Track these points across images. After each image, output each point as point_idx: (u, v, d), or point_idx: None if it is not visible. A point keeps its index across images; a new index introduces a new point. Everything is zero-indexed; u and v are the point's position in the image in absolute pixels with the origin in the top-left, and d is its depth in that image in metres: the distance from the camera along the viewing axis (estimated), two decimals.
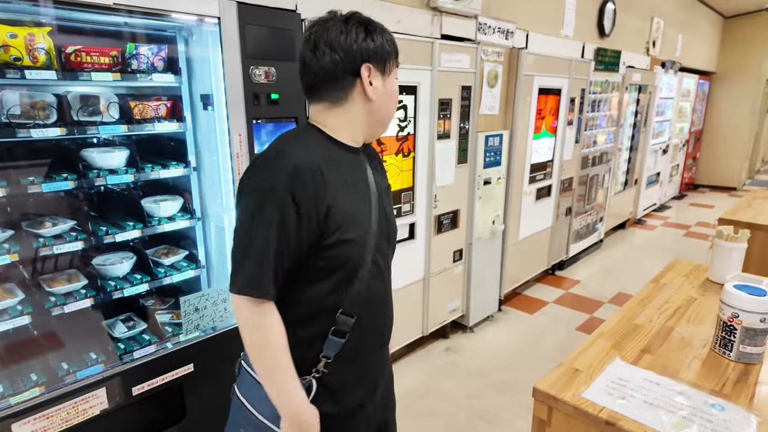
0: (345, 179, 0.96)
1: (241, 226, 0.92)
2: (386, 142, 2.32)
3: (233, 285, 0.91)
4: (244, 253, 0.90)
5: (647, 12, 5.05)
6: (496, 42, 2.90)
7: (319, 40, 0.94)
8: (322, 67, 0.94)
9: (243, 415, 1.02)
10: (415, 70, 2.36)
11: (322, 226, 0.91)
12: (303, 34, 0.98)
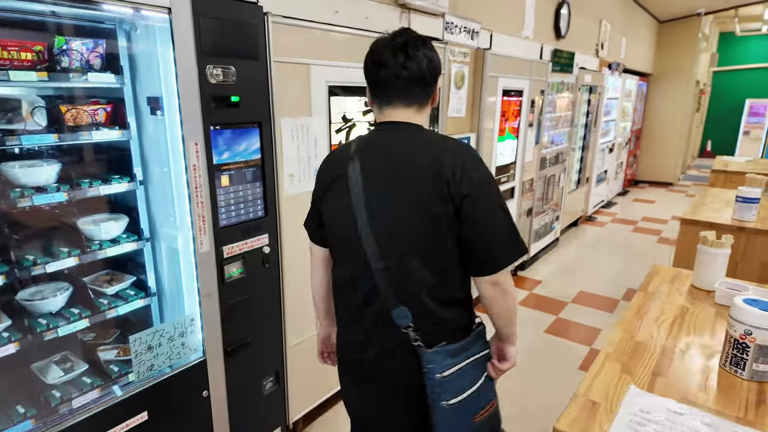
0: None
1: (503, 204, 1.06)
2: None
3: (518, 253, 1.06)
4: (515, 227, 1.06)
5: (597, 15, 5.18)
6: (462, 42, 2.80)
7: (417, 49, 1.06)
8: (422, 73, 1.07)
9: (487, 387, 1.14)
10: None
11: None
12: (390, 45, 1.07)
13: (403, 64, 1.05)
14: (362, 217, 1.03)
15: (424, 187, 1.01)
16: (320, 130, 1.94)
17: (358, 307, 1.12)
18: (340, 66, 1.97)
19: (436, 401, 1.06)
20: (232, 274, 1.69)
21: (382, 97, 1.10)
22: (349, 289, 1.13)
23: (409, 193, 1.02)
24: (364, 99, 2.14)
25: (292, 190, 1.87)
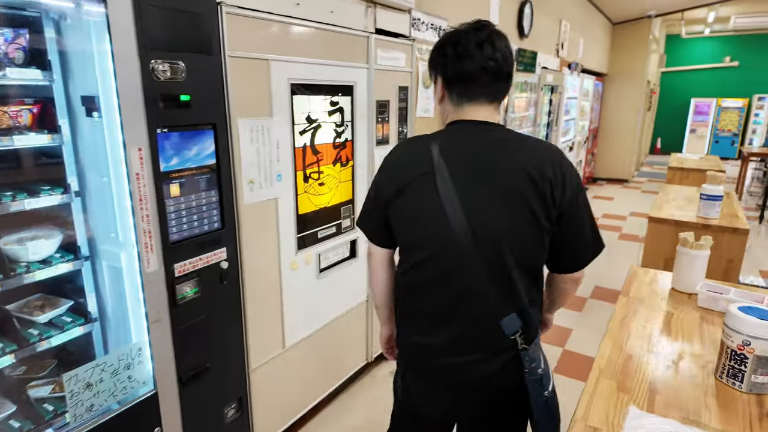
0: None
1: (587, 201, 1.08)
2: (323, 150, 2.01)
3: (601, 247, 1.13)
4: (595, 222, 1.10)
5: (557, 14, 5.23)
6: (429, 39, 2.70)
7: (501, 41, 1.03)
8: (508, 67, 1.05)
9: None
10: (351, 68, 2.07)
11: None
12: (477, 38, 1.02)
13: (490, 56, 1.01)
14: (457, 218, 1.00)
15: (524, 189, 0.99)
16: (283, 132, 1.79)
17: (445, 311, 1.07)
18: (303, 62, 1.82)
19: (538, 396, 1.08)
20: (186, 295, 1.51)
21: (464, 92, 1.06)
22: (433, 292, 1.07)
23: (509, 195, 1.00)
24: (330, 98, 2.00)
25: (253, 198, 1.71)
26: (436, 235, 1.02)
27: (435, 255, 1.04)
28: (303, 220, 1.96)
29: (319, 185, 2.02)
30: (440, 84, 1.09)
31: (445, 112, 1.12)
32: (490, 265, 1.00)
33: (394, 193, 1.07)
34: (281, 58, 1.72)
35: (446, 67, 1.05)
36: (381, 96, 2.29)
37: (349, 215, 2.24)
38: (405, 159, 1.10)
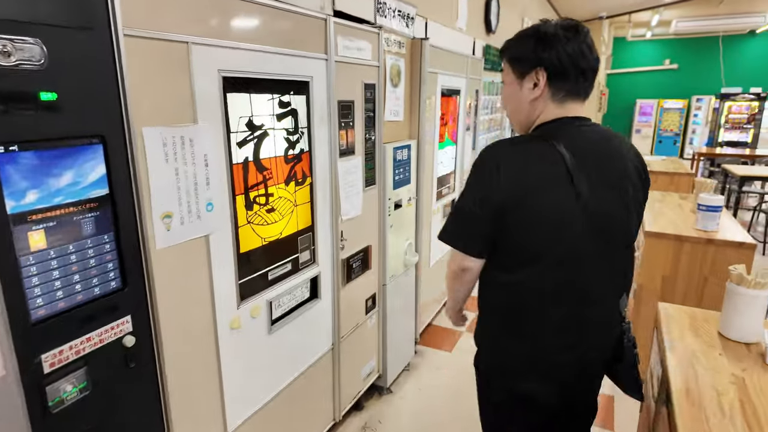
0: None
1: None
2: (271, 166, 1.53)
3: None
4: None
5: (520, 12, 4.98)
6: (397, 29, 2.28)
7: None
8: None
9: None
10: (305, 59, 1.60)
11: None
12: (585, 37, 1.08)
13: (596, 57, 1.09)
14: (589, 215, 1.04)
15: (634, 184, 1.10)
16: (214, 144, 1.29)
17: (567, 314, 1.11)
18: (240, 48, 1.33)
19: (633, 359, 1.20)
20: (65, 396, 0.99)
21: (572, 90, 1.09)
22: (554, 300, 1.10)
23: (625, 191, 1.08)
24: (279, 97, 1.52)
25: (171, 240, 1.20)
26: (572, 236, 1.05)
27: (567, 256, 1.06)
28: (247, 261, 1.47)
29: (268, 212, 1.54)
30: (543, 81, 1.07)
31: (536, 111, 1.12)
32: (610, 256, 1.10)
33: (519, 197, 1.04)
34: (208, 41, 1.23)
35: (572, 61, 1.05)
36: (344, 95, 1.84)
37: (309, 246, 1.76)
38: (527, 160, 1.05)
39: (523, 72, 1.10)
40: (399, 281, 2.49)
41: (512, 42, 1.15)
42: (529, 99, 1.10)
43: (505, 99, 1.20)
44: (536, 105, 1.11)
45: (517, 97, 1.13)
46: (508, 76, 1.15)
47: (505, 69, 1.17)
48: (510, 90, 1.16)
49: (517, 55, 1.11)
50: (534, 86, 1.09)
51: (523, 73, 1.10)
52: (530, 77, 1.09)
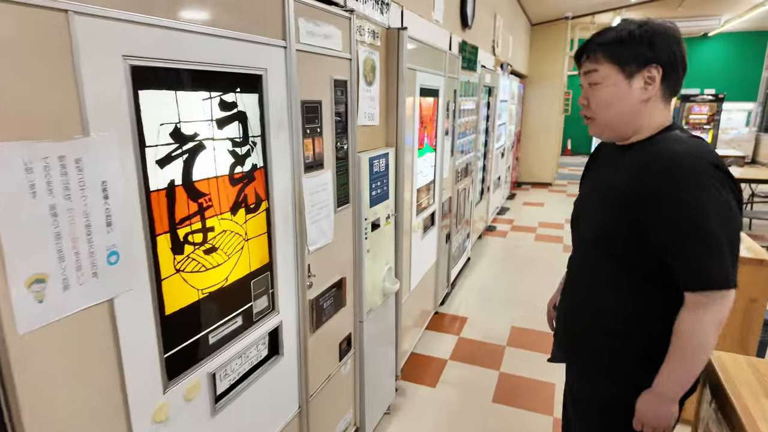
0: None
1: None
2: (211, 190, 1.11)
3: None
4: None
5: (492, 7, 4.70)
6: (371, 16, 1.90)
7: None
8: None
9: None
10: (257, 45, 1.20)
11: None
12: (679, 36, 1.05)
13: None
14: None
15: None
16: (116, 164, 0.87)
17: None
18: (160, 26, 0.91)
19: None
20: None
21: (678, 88, 1.08)
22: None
23: None
24: (220, 96, 1.11)
25: (47, 316, 0.78)
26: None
27: None
28: (176, 325, 1.05)
29: (207, 253, 1.12)
30: (659, 78, 1.03)
31: (646, 113, 1.06)
32: None
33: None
34: (103, 11, 0.81)
35: (674, 59, 1.03)
36: (309, 94, 1.44)
37: (266, 290, 1.35)
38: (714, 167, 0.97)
39: (632, 71, 1.03)
40: (378, 314, 2.11)
41: (613, 38, 1.04)
42: (640, 99, 1.04)
43: (601, 102, 1.07)
44: (648, 106, 1.06)
45: (624, 99, 1.04)
46: (611, 77, 1.05)
47: (601, 69, 1.06)
48: (614, 91, 1.05)
49: (625, 51, 1.02)
50: (646, 85, 1.03)
51: (632, 71, 1.03)
52: (641, 75, 1.03)
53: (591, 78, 1.08)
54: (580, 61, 1.12)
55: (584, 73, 1.10)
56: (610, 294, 1.12)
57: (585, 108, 1.12)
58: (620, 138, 1.13)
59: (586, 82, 1.10)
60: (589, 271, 1.19)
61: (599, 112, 1.09)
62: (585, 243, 1.23)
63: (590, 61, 1.08)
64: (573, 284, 1.28)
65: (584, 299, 1.20)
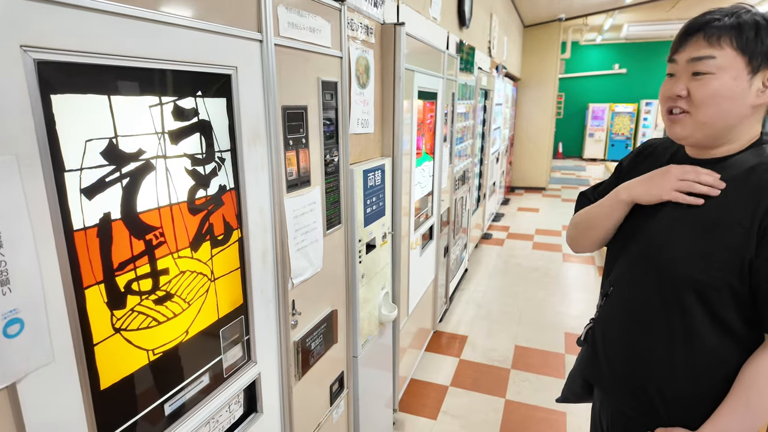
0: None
1: None
2: (161, 223, 0.86)
3: None
4: None
5: (488, 7, 4.50)
6: (363, 8, 1.66)
7: None
8: None
9: None
10: (222, 38, 0.96)
11: None
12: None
13: None
14: None
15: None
16: (14, 200, 0.62)
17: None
18: (79, 6, 0.67)
19: None
20: None
21: None
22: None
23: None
24: (174, 101, 0.86)
25: None
26: None
27: None
28: (115, 402, 0.80)
29: (158, 303, 0.87)
30: None
31: (748, 121, 0.91)
32: None
33: None
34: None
35: None
36: (292, 98, 1.20)
37: (240, 338, 1.10)
38: None
39: (758, 66, 0.86)
40: (374, 345, 1.87)
41: (744, 22, 0.85)
42: (753, 103, 0.87)
43: (710, 95, 0.88)
44: (755, 114, 0.90)
45: (737, 97, 0.87)
46: (733, 68, 0.86)
47: (721, 57, 0.86)
48: (731, 86, 0.86)
49: (758, 41, 0.84)
50: (764, 87, 0.87)
51: (758, 67, 0.86)
52: (762, 75, 0.87)
53: (702, 66, 0.88)
54: (684, 44, 0.91)
55: (692, 59, 0.90)
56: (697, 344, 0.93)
57: (680, 100, 0.92)
58: (708, 145, 0.94)
59: (690, 69, 0.90)
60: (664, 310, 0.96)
61: (703, 107, 0.89)
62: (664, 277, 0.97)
63: (708, 45, 0.87)
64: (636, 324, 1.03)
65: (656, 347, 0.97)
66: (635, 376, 1.01)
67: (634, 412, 1.03)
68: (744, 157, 0.91)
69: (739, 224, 0.85)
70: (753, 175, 0.87)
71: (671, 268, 0.93)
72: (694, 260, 0.90)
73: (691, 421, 0.94)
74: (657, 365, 0.97)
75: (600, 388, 1.14)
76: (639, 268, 1.00)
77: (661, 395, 0.97)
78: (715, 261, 0.87)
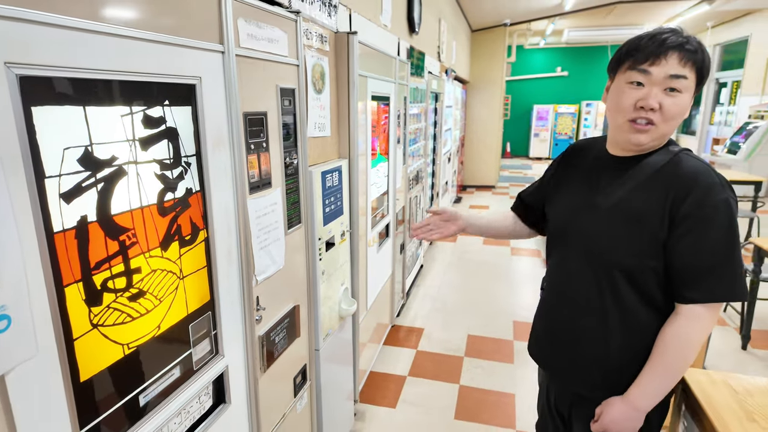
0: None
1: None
2: (134, 225, 0.92)
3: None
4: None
5: (437, 12, 4.68)
6: (318, 18, 1.75)
7: None
8: None
9: None
10: (187, 51, 1.02)
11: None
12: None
13: None
14: None
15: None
16: (4, 202, 0.67)
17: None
18: (58, 25, 0.73)
19: None
20: None
21: None
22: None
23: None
24: (143, 111, 0.92)
25: None
26: None
27: None
28: (95, 391, 0.86)
29: (132, 300, 0.93)
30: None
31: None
32: None
33: None
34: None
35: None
36: (252, 105, 1.28)
37: (207, 332, 1.17)
38: None
39: (699, 87, 1.02)
40: (334, 338, 1.96)
41: (700, 47, 0.99)
42: (688, 113, 1.04)
43: (677, 113, 1.01)
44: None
45: (686, 112, 1.03)
46: (691, 90, 1.00)
47: (690, 78, 0.99)
48: (687, 104, 1.02)
49: (708, 66, 1.00)
50: (692, 99, 1.02)
51: (699, 88, 1.02)
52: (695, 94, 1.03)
53: (678, 83, 0.98)
54: (659, 58, 0.97)
55: (670, 76, 0.97)
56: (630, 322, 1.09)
57: (651, 112, 0.99)
58: (650, 148, 1.08)
59: (667, 84, 0.98)
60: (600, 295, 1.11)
61: (669, 122, 1.01)
62: (598, 265, 1.10)
63: (683, 65, 0.97)
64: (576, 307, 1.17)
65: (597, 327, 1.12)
66: (577, 355, 1.15)
67: (577, 388, 1.18)
68: (657, 157, 1.06)
69: (654, 214, 1.01)
70: (664, 171, 1.03)
71: (604, 257, 1.08)
72: (623, 248, 1.05)
73: (625, 388, 1.09)
74: (595, 343, 1.12)
75: (544, 368, 1.28)
76: (574, 257, 1.15)
77: (601, 370, 1.12)
78: (640, 247, 1.03)
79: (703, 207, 0.97)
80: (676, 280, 1.02)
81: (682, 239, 0.99)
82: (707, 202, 0.97)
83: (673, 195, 1.00)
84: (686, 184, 0.99)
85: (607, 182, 1.11)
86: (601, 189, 1.12)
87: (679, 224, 0.99)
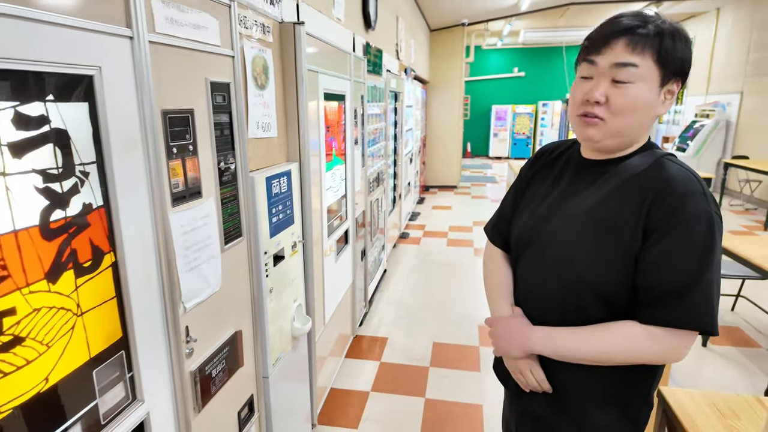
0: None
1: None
2: (5, 253, 0.71)
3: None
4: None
5: (394, 10, 4.54)
6: (256, 5, 1.56)
7: None
8: None
9: None
10: (82, 34, 0.82)
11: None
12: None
13: None
14: None
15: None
16: None
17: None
18: None
19: None
20: None
21: None
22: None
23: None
24: (12, 107, 0.71)
25: None
26: None
27: None
28: None
29: (4, 349, 0.72)
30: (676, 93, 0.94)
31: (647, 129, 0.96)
32: None
33: None
34: None
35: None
36: (174, 101, 1.08)
37: (120, 375, 0.96)
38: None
39: (668, 78, 0.88)
40: (287, 361, 1.77)
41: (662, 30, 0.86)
42: (656, 113, 0.91)
43: (628, 105, 0.88)
44: (653, 121, 0.92)
45: (649, 108, 0.89)
46: (649, 79, 0.87)
47: (643, 67, 0.86)
48: (647, 96, 0.88)
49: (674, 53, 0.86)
50: (665, 98, 0.90)
51: (667, 78, 0.88)
52: (668, 86, 0.89)
53: (624, 74, 0.86)
54: (605, 46, 0.87)
55: (615, 64, 0.86)
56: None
57: (597, 106, 0.89)
58: (615, 150, 0.95)
59: (611, 75, 0.87)
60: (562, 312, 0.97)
61: (619, 116, 0.88)
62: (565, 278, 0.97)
63: (631, 52, 0.85)
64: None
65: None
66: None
67: (539, 409, 1.05)
68: (634, 160, 0.93)
69: (627, 224, 0.88)
70: (641, 177, 0.90)
71: (573, 269, 0.94)
72: (593, 259, 0.91)
73: (579, 413, 0.98)
74: (556, 363, 0.99)
75: (507, 387, 1.16)
76: (538, 268, 1.02)
77: (564, 389, 1.00)
78: (611, 263, 0.89)
79: (677, 216, 0.84)
80: (637, 296, 0.89)
81: (649, 251, 0.86)
82: (683, 212, 0.84)
83: (649, 203, 0.87)
84: (663, 191, 0.87)
85: (582, 187, 0.99)
86: (573, 194, 0.99)
87: (649, 235, 0.87)
